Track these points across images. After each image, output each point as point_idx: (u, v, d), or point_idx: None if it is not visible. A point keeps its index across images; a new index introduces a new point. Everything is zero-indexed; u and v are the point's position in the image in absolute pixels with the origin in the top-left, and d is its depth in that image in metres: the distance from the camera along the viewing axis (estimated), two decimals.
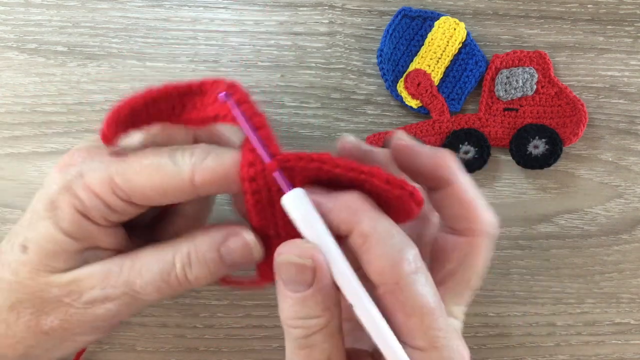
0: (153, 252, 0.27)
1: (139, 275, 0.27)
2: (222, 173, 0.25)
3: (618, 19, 0.42)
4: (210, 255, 0.27)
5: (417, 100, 0.41)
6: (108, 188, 0.26)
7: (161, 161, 0.26)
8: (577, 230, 0.42)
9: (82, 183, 0.26)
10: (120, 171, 0.26)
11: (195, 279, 0.27)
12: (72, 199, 0.26)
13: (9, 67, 0.41)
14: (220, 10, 0.42)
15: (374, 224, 0.23)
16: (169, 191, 0.26)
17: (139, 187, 0.26)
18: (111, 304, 0.27)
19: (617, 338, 0.41)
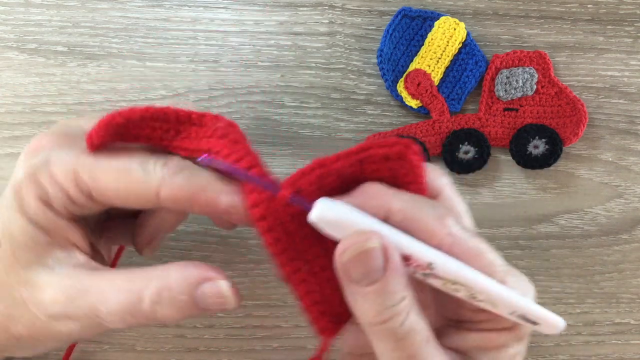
0: (123, 280, 0.26)
1: (105, 303, 0.25)
2: (189, 194, 0.25)
3: (618, 19, 0.42)
4: (182, 298, 0.25)
5: (417, 100, 0.41)
6: (72, 180, 0.25)
7: (131, 166, 0.25)
8: (577, 230, 0.42)
9: (47, 171, 0.25)
10: (87, 166, 0.25)
11: (163, 316, 0.26)
12: (35, 187, 0.25)
13: (9, 67, 0.41)
14: (220, 10, 0.42)
15: (404, 197, 0.24)
16: (131, 197, 0.25)
17: (102, 186, 0.25)
18: (73, 324, 0.26)
19: (617, 338, 0.41)
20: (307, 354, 0.41)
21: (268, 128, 0.41)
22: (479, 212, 0.41)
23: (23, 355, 0.29)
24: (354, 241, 0.22)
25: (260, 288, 0.41)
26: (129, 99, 0.41)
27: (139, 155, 0.26)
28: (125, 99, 0.41)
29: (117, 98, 0.41)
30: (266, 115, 0.41)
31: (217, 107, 0.41)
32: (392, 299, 0.22)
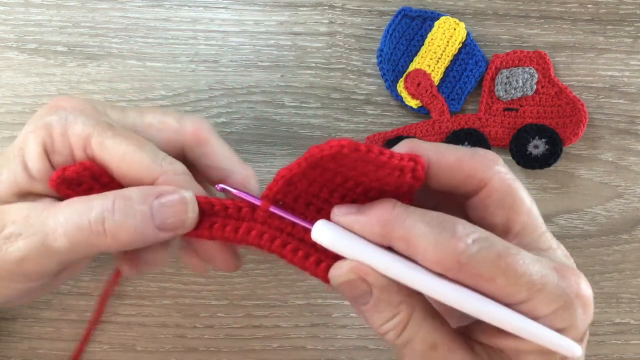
0: (83, 198, 0.26)
1: (54, 216, 0.25)
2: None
3: (618, 19, 0.42)
4: (140, 208, 0.25)
5: (417, 100, 0.41)
6: (82, 143, 0.26)
7: (142, 152, 0.26)
8: (577, 230, 0.42)
9: (63, 126, 0.26)
10: (101, 136, 0.26)
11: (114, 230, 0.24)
12: (44, 136, 0.26)
13: (9, 67, 0.41)
14: (220, 10, 0.42)
15: (407, 225, 0.23)
16: (129, 177, 0.26)
17: (106, 159, 0.26)
18: (22, 242, 0.25)
19: (617, 338, 0.41)
20: (307, 354, 0.41)
21: (268, 128, 0.41)
22: None
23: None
24: (339, 271, 0.24)
25: (260, 288, 0.41)
26: (129, 98, 0.41)
27: (152, 146, 0.27)
28: (125, 98, 0.41)
29: (117, 98, 0.41)
30: (266, 115, 0.41)
31: (217, 107, 0.41)
32: (386, 315, 0.24)
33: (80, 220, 0.24)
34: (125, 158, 0.26)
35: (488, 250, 0.22)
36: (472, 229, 0.23)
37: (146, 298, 0.40)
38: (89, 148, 0.26)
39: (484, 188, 0.25)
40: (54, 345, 0.40)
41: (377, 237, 0.23)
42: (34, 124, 0.27)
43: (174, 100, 0.41)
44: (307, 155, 0.24)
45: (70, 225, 0.24)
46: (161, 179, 0.26)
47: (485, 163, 0.24)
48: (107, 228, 0.24)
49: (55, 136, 0.26)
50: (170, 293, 0.40)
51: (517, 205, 0.25)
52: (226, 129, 0.41)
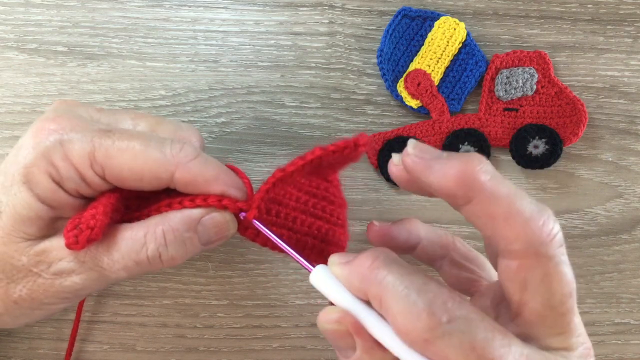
0: (124, 230, 0.27)
1: (107, 253, 0.26)
2: (202, 181, 0.26)
3: (618, 19, 0.42)
4: (188, 235, 0.27)
5: (417, 100, 0.41)
6: (87, 161, 0.26)
7: (148, 147, 0.26)
8: (577, 230, 0.42)
9: (61, 152, 0.26)
10: (103, 147, 0.26)
11: (171, 258, 0.27)
12: (48, 167, 0.26)
13: (9, 67, 0.41)
14: (220, 10, 0.42)
15: (384, 283, 0.22)
16: (146, 178, 0.26)
17: (117, 167, 0.26)
18: (78, 277, 0.27)
19: (617, 338, 0.41)
20: (307, 354, 0.41)
21: (268, 128, 0.41)
22: None
23: (21, 323, 0.29)
24: (325, 319, 0.24)
25: (260, 288, 0.41)
26: (129, 99, 0.41)
27: (155, 138, 0.27)
28: (125, 98, 0.41)
29: (117, 98, 0.41)
30: (266, 115, 0.41)
31: (217, 107, 0.41)
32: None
33: (138, 257, 0.27)
34: (136, 161, 0.26)
35: (461, 336, 0.20)
36: (453, 306, 0.20)
37: (146, 298, 0.40)
38: (96, 164, 0.26)
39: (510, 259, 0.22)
40: (54, 345, 0.40)
41: (357, 291, 0.23)
42: (34, 157, 0.26)
43: (174, 100, 0.41)
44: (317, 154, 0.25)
45: (128, 262, 0.27)
46: (178, 174, 0.26)
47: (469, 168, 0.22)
48: (164, 259, 0.27)
49: (58, 164, 0.26)
50: (170, 293, 0.41)
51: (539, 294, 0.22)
52: (226, 129, 0.41)
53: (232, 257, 0.41)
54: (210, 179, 0.27)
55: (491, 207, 0.22)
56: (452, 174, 0.22)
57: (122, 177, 0.26)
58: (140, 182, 0.27)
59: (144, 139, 0.26)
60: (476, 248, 0.41)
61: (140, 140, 0.26)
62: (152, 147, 0.26)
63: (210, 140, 0.41)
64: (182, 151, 0.27)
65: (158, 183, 0.27)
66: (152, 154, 0.26)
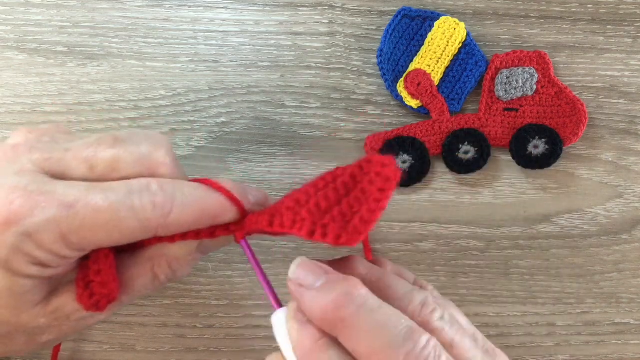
0: (131, 267, 0.27)
1: (125, 294, 0.27)
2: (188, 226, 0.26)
3: (618, 19, 0.42)
4: (192, 257, 0.28)
5: (417, 100, 0.41)
6: (62, 243, 0.24)
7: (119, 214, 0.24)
8: (577, 230, 0.42)
9: (32, 243, 0.23)
10: (73, 228, 0.23)
11: (179, 278, 0.29)
12: (25, 258, 0.24)
13: (9, 67, 0.41)
14: (220, 10, 0.42)
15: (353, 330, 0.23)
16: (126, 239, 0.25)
17: (94, 241, 0.24)
18: (100, 315, 0.28)
19: (617, 338, 0.41)
20: None
21: (268, 128, 0.41)
22: (479, 212, 0.41)
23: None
24: None
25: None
26: (129, 98, 0.41)
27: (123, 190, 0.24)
28: (125, 98, 0.41)
29: (117, 98, 0.41)
30: (266, 115, 0.41)
31: (217, 107, 0.41)
32: None
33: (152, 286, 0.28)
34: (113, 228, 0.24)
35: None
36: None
37: (146, 298, 0.40)
38: (71, 244, 0.24)
39: None
40: None
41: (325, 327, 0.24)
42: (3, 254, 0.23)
43: (174, 100, 0.41)
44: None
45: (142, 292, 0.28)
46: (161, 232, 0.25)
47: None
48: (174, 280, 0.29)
49: (34, 253, 0.24)
50: (170, 293, 0.41)
51: None
52: (226, 129, 0.41)
53: (232, 257, 0.41)
54: (194, 222, 0.26)
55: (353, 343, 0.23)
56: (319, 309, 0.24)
57: (102, 244, 0.25)
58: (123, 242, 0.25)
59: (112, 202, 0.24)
60: (477, 248, 0.41)
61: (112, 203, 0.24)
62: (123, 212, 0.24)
63: (210, 140, 0.41)
64: (154, 210, 0.24)
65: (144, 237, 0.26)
66: (126, 222, 0.24)
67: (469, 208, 0.41)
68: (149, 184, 0.25)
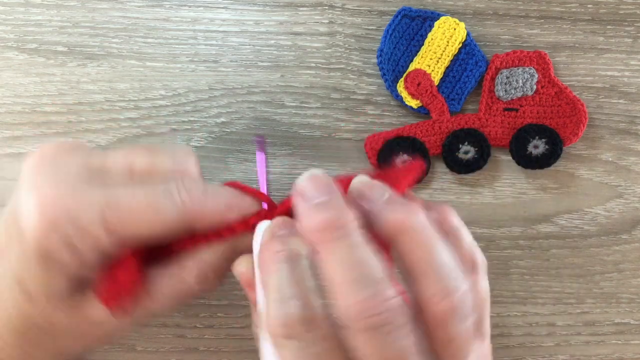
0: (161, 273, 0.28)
1: (156, 302, 0.27)
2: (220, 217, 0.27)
3: (618, 19, 0.42)
4: (221, 263, 0.29)
5: (417, 100, 0.41)
6: (102, 230, 0.24)
7: (158, 201, 0.25)
8: (577, 230, 0.42)
9: (72, 224, 0.24)
10: (116, 211, 0.24)
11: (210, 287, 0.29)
12: (64, 241, 0.24)
13: (9, 67, 0.41)
14: (220, 10, 0.42)
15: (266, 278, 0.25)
16: (165, 232, 0.26)
17: (134, 230, 0.25)
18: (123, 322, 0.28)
19: (617, 338, 0.41)
20: None
21: (268, 128, 0.41)
22: (479, 212, 0.41)
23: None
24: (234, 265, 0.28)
25: None
26: (129, 98, 0.41)
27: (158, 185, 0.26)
28: (125, 98, 0.41)
29: (117, 98, 0.41)
30: (266, 115, 0.41)
31: (217, 107, 0.41)
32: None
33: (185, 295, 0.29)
34: (151, 219, 0.25)
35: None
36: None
37: None
38: (112, 228, 0.25)
39: None
40: None
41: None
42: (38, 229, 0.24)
43: (174, 100, 0.41)
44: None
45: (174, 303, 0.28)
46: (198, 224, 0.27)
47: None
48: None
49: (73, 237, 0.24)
50: None
51: None
52: (226, 129, 0.41)
53: None
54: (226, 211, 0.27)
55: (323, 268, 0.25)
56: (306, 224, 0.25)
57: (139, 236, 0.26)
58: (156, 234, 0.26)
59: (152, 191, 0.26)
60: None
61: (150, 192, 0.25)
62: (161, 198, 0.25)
63: (210, 140, 0.41)
64: (191, 199, 0.26)
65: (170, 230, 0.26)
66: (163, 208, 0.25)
67: (469, 208, 0.41)
68: (183, 178, 0.27)
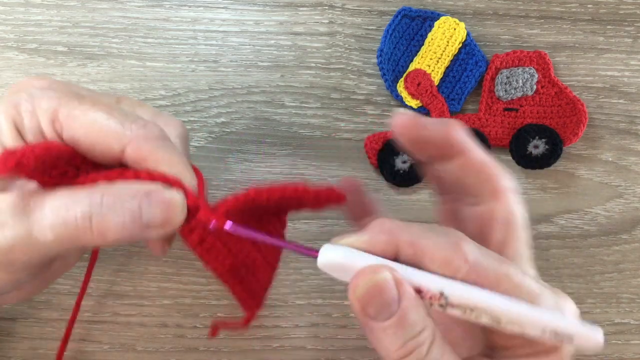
0: (65, 189, 0.25)
1: (40, 208, 0.24)
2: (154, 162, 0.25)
3: (618, 19, 0.42)
4: (130, 204, 0.24)
5: (417, 100, 0.41)
6: (49, 116, 0.25)
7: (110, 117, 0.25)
8: (577, 230, 0.42)
9: (30, 103, 0.26)
10: (68, 107, 0.25)
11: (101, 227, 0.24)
12: (13, 114, 0.26)
13: (9, 67, 0.41)
14: (220, 10, 0.42)
15: (412, 230, 0.23)
16: (98, 146, 0.25)
17: (73, 128, 0.25)
18: (8, 231, 0.24)
19: (617, 338, 0.41)
20: (307, 354, 0.41)
21: (268, 128, 0.41)
22: None
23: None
24: (365, 276, 0.22)
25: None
26: None
27: (123, 111, 0.26)
28: None
29: None
30: (266, 115, 0.41)
31: (217, 107, 0.41)
32: (412, 331, 0.22)
33: (67, 214, 0.24)
34: (94, 126, 0.25)
35: (491, 255, 0.23)
36: (472, 240, 0.23)
37: (146, 298, 0.40)
38: (57, 122, 0.25)
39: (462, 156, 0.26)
40: (54, 345, 0.40)
41: (384, 247, 0.23)
42: (3, 103, 0.26)
43: (174, 100, 0.41)
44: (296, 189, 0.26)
45: (56, 219, 0.24)
46: (129, 148, 0.25)
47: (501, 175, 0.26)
48: (94, 225, 0.24)
49: (24, 113, 0.26)
50: (170, 293, 0.40)
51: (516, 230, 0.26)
52: (226, 129, 0.41)
53: None
54: (162, 163, 0.25)
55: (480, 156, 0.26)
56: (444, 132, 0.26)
57: (76, 139, 0.25)
58: (92, 148, 0.26)
59: (111, 110, 0.26)
60: None
61: (106, 109, 0.26)
62: (114, 118, 0.25)
63: (210, 140, 0.41)
64: (143, 129, 0.25)
65: (110, 154, 0.26)
66: (111, 123, 0.25)
67: None
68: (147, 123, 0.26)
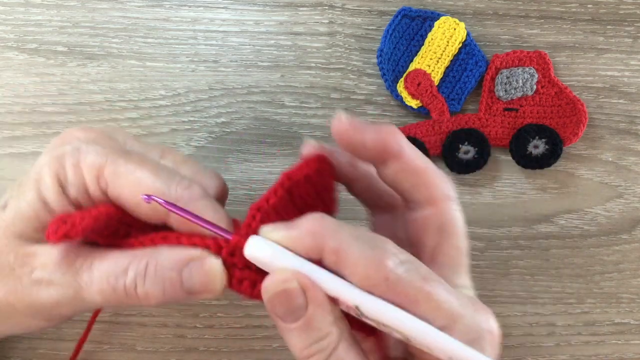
0: (112, 252, 0.26)
1: (89, 271, 0.25)
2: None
3: (618, 19, 0.42)
4: (170, 274, 0.25)
5: (417, 100, 0.41)
6: (94, 172, 0.26)
7: (156, 177, 0.25)
8: (577, 230, 0.42)
9: (74, 158, 0.26)
10: (114, 164, 0.26)
11: (145, 294, 0.25)
12: (57, 169, 0.26)
13: (9, 67, 0.41)
14: (220, 10, 0.42)
15: (341, 236, 0.23)
16: (143, 206, 0.26)
17: (119, 187, 0.26)
18: (54, 290, 0.26)
19: (617, 338, 0.41)
20: None
21: (268, 128, 0.41)
22: (479, 212, 0.41)
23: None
24: (274, 282, 0.23)
25: None
26: (129, 98, 0.41)
27: (168, 170, 0.26)
28: (125, 98, 0.41)
29: (117, 98, 0.41)
30: (266, 115, 0.41)
31: (217, 107, 0.41)
32: (316, 335, 0.23)
33: (116, 282, 0.25)
34: (140, 186, 0.25)
35: (414, 272, 0.22)
36: (401, 250, 0.23)
37: None
38: (102, 178, 0.26)
39: (398, 160, 0.25)
40: (54, 345, 0.40)
41: (309, 249, 0.23)
42: (48, 155, 0.26)
43: (174, 100, 0.41)
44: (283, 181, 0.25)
45: (106, 286, 0.25)
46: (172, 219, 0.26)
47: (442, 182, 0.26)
48: (139, 292, 0.25)
49: (68, 168, 0.26)
50: None
51: (451, 237, 0.26)
52: (226, 129, 0.41)
53: None
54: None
55: (416, 161, 0.25)
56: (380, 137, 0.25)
57: (122, 198, 0.26)
58: (137, 208, 0.26)
59: (157, 170, 0.26)
60: (477, 248, 0.41)
61: (152, 169, 0.26)
62: (160, 179, 0.26)
63: (210, 140, 0.41)
64: (187, 190, 0.26)
65: (155, 215, 0.26)
66: (157, 184, 0.25)
67: (468, 208, 0.41)
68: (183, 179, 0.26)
